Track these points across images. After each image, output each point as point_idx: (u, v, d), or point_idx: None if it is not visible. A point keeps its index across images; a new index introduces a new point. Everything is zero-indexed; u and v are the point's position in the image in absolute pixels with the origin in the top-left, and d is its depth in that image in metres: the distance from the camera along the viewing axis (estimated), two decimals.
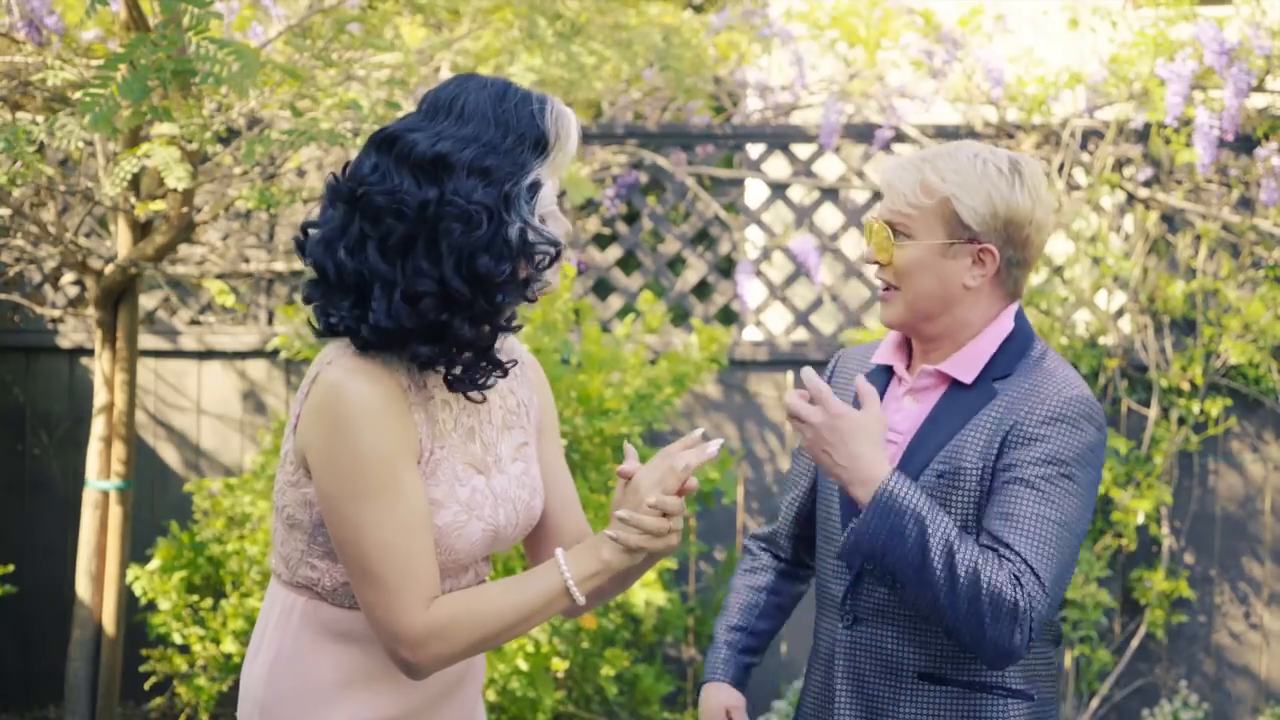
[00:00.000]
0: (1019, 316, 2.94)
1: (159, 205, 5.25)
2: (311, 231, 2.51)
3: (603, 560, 2.49)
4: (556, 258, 2.51)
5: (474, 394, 2.56)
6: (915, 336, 2.94)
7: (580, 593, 2.48)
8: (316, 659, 2.56)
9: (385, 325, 2.42)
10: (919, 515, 2.64)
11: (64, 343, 7.20)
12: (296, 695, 2.56)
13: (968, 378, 2.86)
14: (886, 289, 2.90)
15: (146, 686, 6.44)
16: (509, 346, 2.74)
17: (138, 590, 5.91)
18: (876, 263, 2.89)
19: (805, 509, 3.16)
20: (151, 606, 6.06)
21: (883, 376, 2.99)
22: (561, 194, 2.56)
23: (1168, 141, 6.79)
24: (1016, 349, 2.89)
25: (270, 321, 7.16)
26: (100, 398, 5.65)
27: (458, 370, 2.50)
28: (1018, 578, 2.65)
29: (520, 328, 2.57)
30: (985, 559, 2.65)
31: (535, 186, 2.48)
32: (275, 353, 6.94)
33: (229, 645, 5.89)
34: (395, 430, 2.45)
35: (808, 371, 2.72)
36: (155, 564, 5.97)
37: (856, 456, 2.68)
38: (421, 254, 2.42)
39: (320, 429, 2.46)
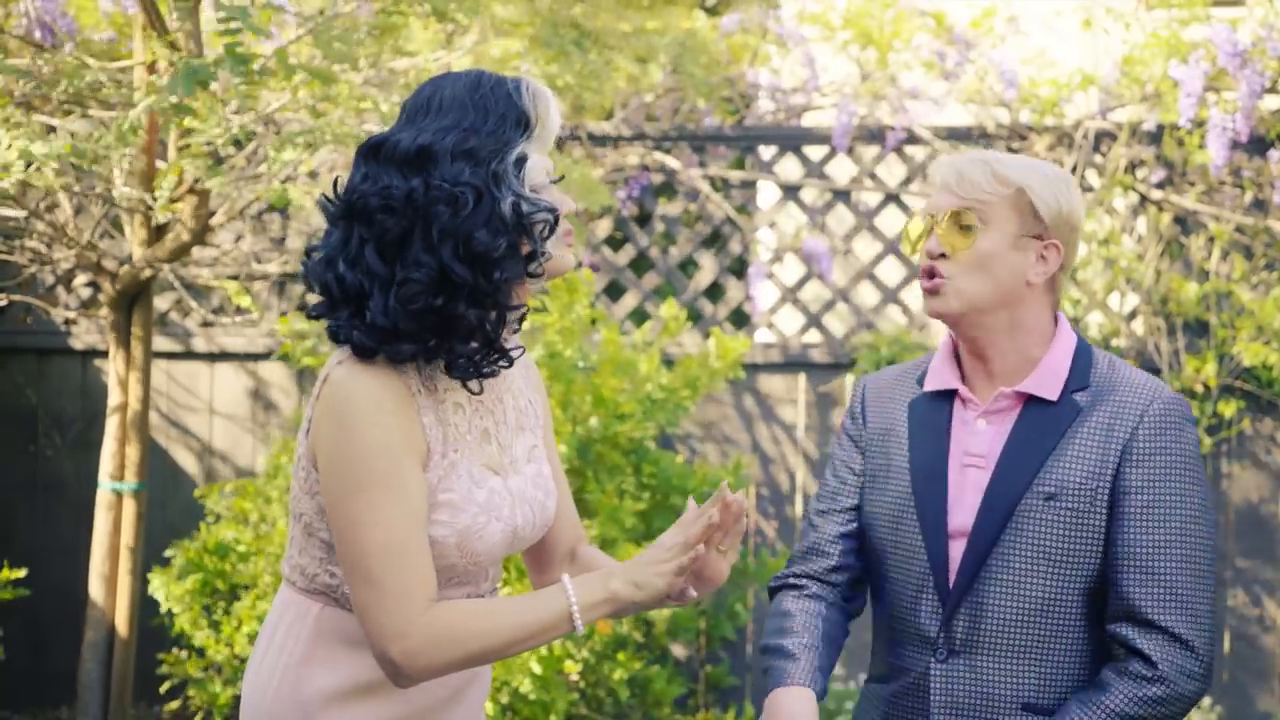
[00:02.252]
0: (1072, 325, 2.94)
1: (176, 207, 5.26)
2: (314, 254, 2.52)
3: (610, 591, 2.46)
4: (554, 225, 2.50)
5: (473, 387, 2.53)
6: (968, 335, 2.85)
7: (582, 621, 2.45)
8: (329, 665, 2.55)
9: (381, 323, 2.42)
10: None
11: (77, 344, 7.20)
12: (306, 701, 2.55)
13: (1052, 395, 2.81)
14: (933, 278, 2.83)
15: (162, 690, 6.44)
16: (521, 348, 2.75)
17: (160, 597, 5.91)
18: (941, 255, 2.82)
19: (852, 531, 2.98)
20: (167, 611, 6.06)
21: (938, 402, 2.89)
22: (560, 179, 2.53)
23: (1181, 143, 6.79)
24: (1084, 360, 2.85)
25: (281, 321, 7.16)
26: (114, 399, 5.65)
27: (462, 360, 2.48)
28: (1150, 672, 2.68)
29: (525, 312, 2.55)
30: (1120, 695, 2.69)
31: (521, 160, 2.48)
32: (287, 355, 6.95)
33: (243, 648, 5.89)
34: (399, 428, 2.44)
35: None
36: (176, 568, 5.97)
37: None
38: (418, 246, 2.42)
39: (327, 426, 2.46)
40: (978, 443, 2.82)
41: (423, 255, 2.41)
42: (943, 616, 2.79)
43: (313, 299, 2.56)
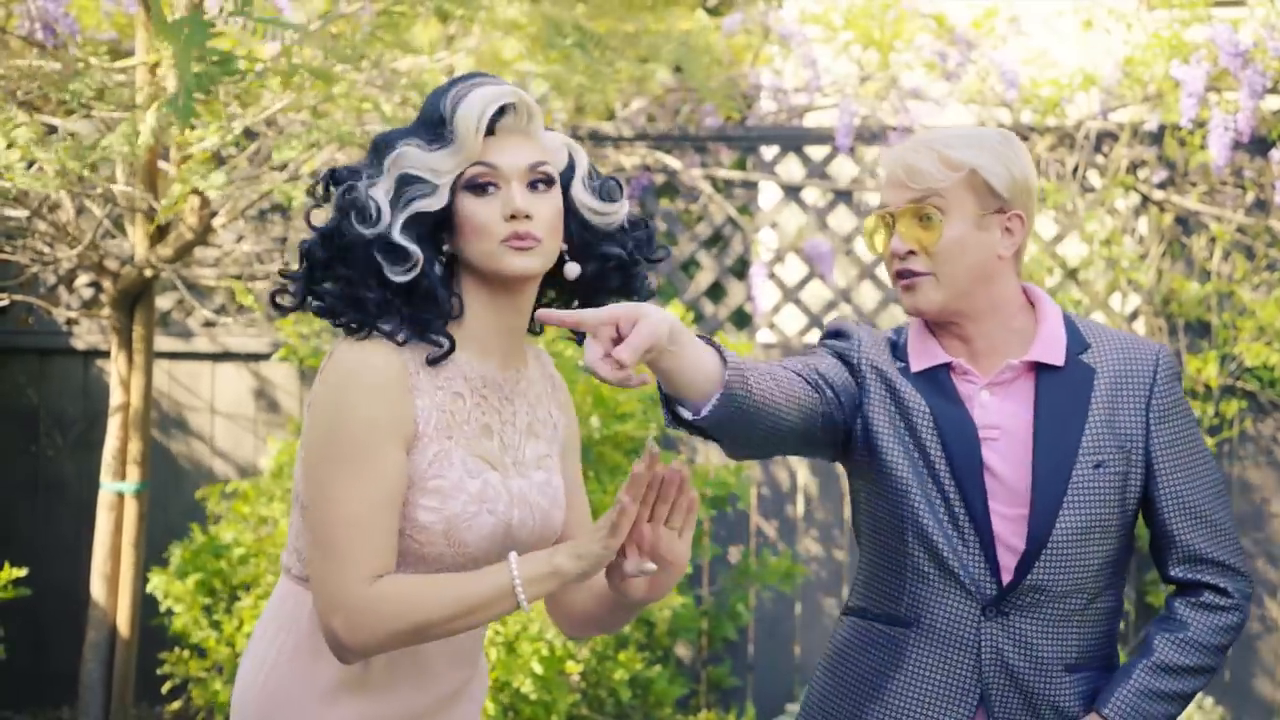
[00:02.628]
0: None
1: (179, 208, 5.26)
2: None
3: (553, 565, 2.42)
4: (373, 210, 2.49)
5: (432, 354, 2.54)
6: (949, 321, 2.85)
7: (525, 595, 2.40)
8: (312, 664, 2.54)
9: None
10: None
11: (78, 344, 7.21)
12: (296, 694, 2.54)
13: (1060, 360, 2.83)
14: (910, 276, 2.82)
15: (164, 690, 6.45)
16: (545, 362, 2.74)
17: (158, 595, 5.92)
18: (910, 252, 2.80)
19: (814, 392, 2.83)
20: (169, 612, 6.06)
21: (932, 376, 2.86)
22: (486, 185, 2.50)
23: (1182, 143, 6.79)
24: (1070, 322, 2.89)
25: (284, 321, 7.16)
26: (115, 399, 5.65)
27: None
28: (1225, 601, 2.87)
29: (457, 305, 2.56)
30: (1201, 627, 2.86)
31: (406, 179, 2.50)
32: (289, 354, 6.94)
33: (244, 647, 5.89)
34: (386, 406, 2.44)
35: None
36: (174, 567, 5.96)
37: None
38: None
39: (319, 394, 2.49)
40: (986, 415, 2.82)
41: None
42: (1000, 581, 2.80)
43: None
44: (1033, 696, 2.82)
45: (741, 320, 7.80)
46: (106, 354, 7.03)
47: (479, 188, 2.51)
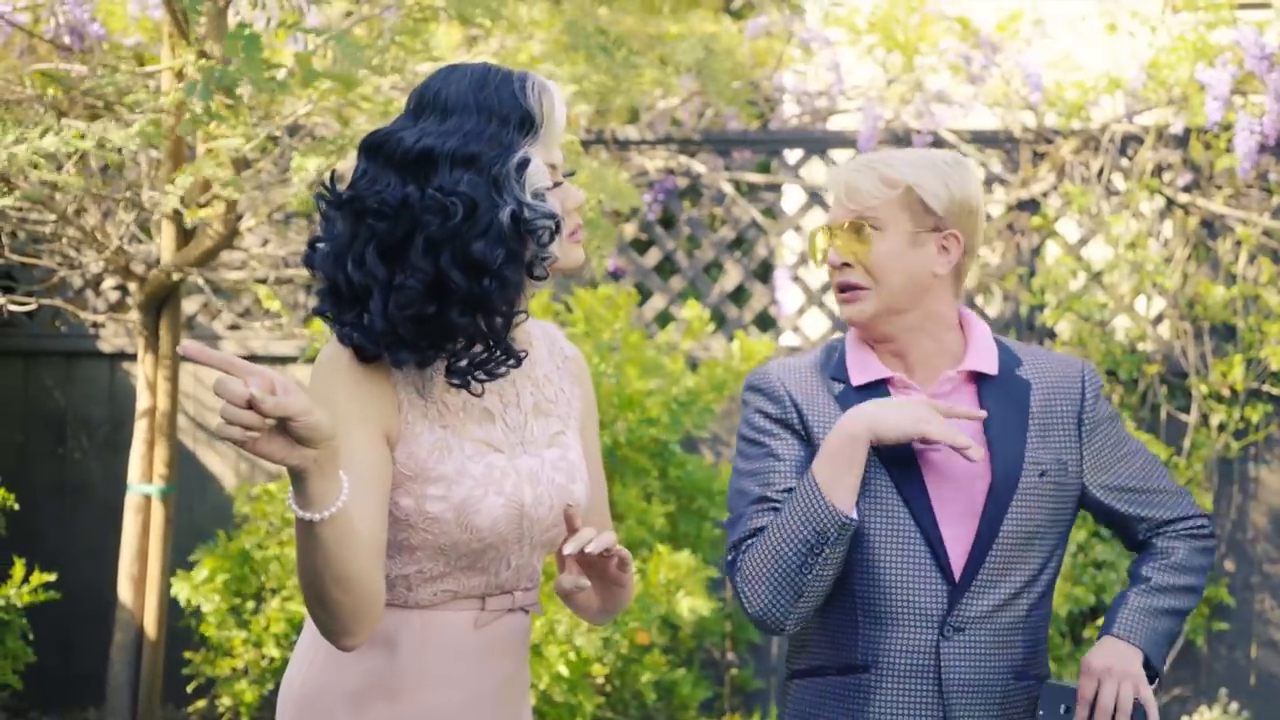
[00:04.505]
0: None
1: (206, 212, 5.29)
2: (320, 245, 2.50)
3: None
4: (556, 230, 2.47)
5: (474, 389, 2.51)
6: (883, 334, 2.93)
7: (295, 501, 2.24)
8: (345, 665, 2.54)
9: (379, 327, 2.41)
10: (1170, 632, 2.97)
11: (105, 347, 7.24)
12: (326, 697, 2.54)
13: (993, 369, 2.93)
14: (848, 290, 2.91)
15: (189, 689, 6.47)
16: (555, 338, 2.74)
17: (181, 600, 5.94)
18: (845, 264, 2.90)
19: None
20: (195, 613, 6.08)
21: (868, 394, 2.92)
22: (570, 173, 2.50)
23: (1207, 146, 6.77)
24: (998, 341, 3.00)
25: (307, 325, 7.19)
26: (142, 402, 5.68)
27: (463, 362, 2.47)
28: (1200, 530, 3.04)
29: (524, 316, 2.53)
30: (1184, 550, 3.01)
31: (524, 164, 2.45)
32: (315, 357, 6.97)
33: (271, 649, 5.91)
34: (357, 399, 2.43)
35: None
36: (201, 575, 5.97)
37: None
38: (416, 251, 2.40)
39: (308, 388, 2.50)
40: None
41: (420, 261, 2.40)
42: (950, 597, 2.86)
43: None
44: (991, 709, 2.88)
45: (765, 323, 7.80)
46: (133, 357, 7.06)
47: (550, 186, 2.52)
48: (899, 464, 2.85)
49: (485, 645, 2.60)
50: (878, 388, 2.92)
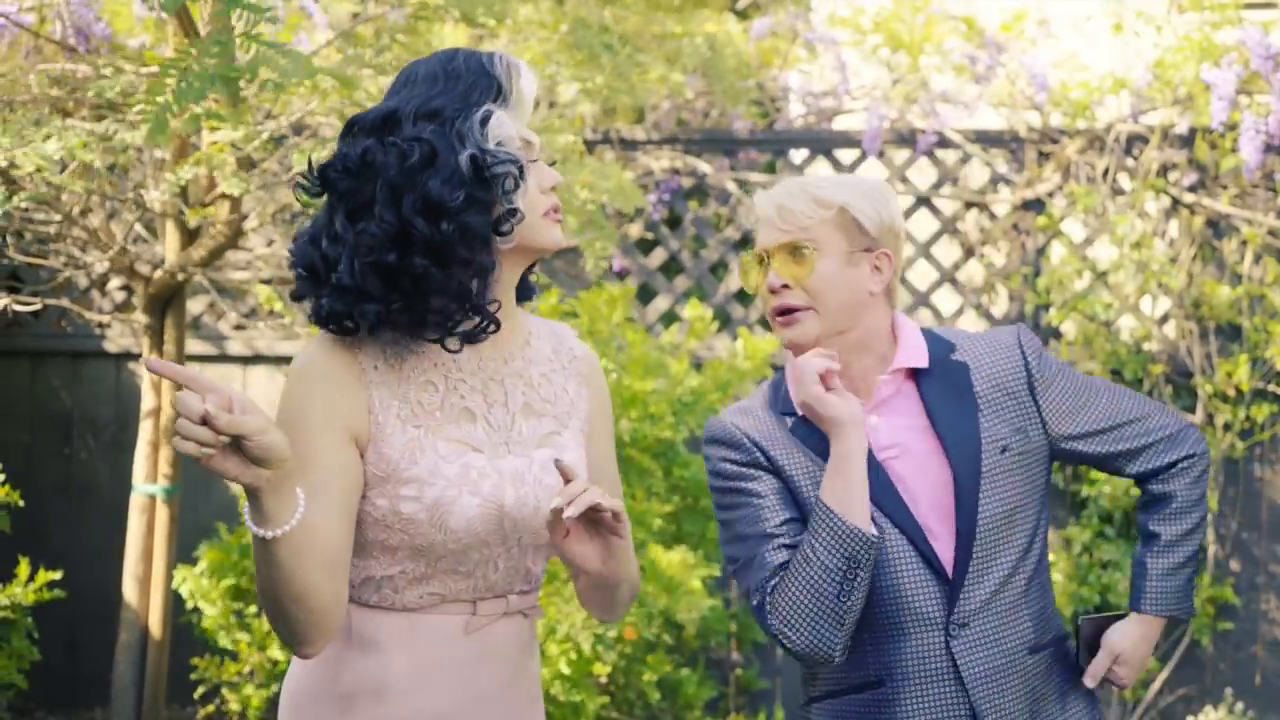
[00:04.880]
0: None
1: (209, 212, 5.29)
2: (301, 238, 2.54)
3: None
4: (519, 177, 2.48)
5: (451, 345, 2.50)
6: None
7: (249, 518, 2.29)
8: (336, 667, 2.55)
9: (346, 284, 2.42)
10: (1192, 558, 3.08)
11: (111, 347, 7.25)
12: (315, 702, 2.55)
13: (924, 362, 2.96)
14: (787, 313, 2.93)
15: (196, 695, 6.48)
16: (563, 337, 2.72)
17: (184, 592, 5.95)
18: (784, 286, 2.92)
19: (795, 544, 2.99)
20: (197, 610, 6.09)
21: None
22: (551, 162, 2.53)
23: (1213, 146, 6.77)
24: (928, 333, 3.04)
25: (312, 325, 7.20)
26: (147, 402, 5.69)
27: (433, 316, 2.46)
28: (1188, 458, 3.08)
29: (491, 270, 2.49)
30: (1182, 490, 3.07)
31: (486, 117, 2.47)
32: None
33: (276, 651, 5.92)
34: (324, 400, 2.44)
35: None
36: (202, 566, 6.00)
37: None
38: (380, 204, 2.42)
39: None
40: (879, 436, 2.93)
41: (383, 210, 2.41)
42: (948, 595, 2.90)
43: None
44: (1014, 690, 2.92)
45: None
46: (138, 357, 7.07)
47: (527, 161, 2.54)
48: (874, 486, 2.87)
49: (478, 650, 2.58)
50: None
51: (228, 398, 2.18)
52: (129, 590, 5.69)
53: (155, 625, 5.72)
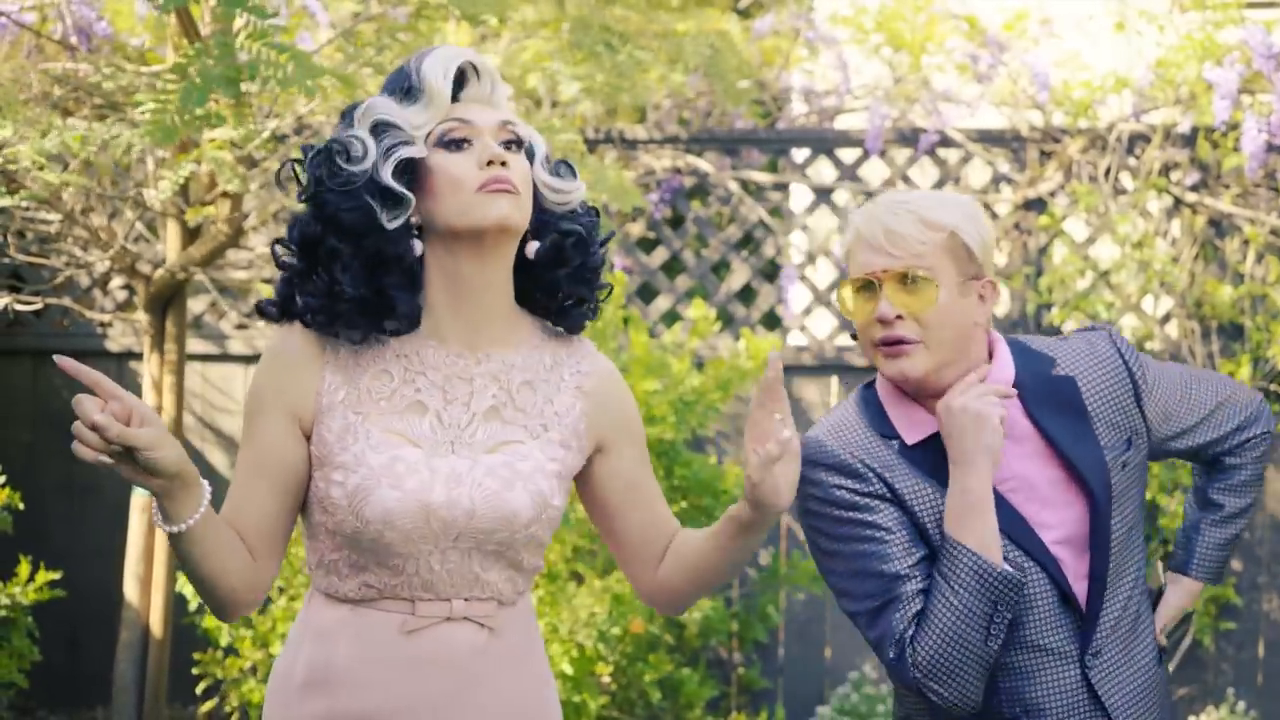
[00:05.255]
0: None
1: (210, 211, 5.29)
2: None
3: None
4: (370, 146, 2.49)
5: (351, 336, 2.54)
6: (931, 389, 2.78)
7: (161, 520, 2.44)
8: (296, 654, 2.58)
9: (277, 256, 2.55)
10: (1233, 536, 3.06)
11: (113, 346, 7.25)
12: (282, 685, 2.59)
13: (1010, 375, 2.80)
14: (898, 344, 2.74)
15: (198, 691, 6.48)
16: (579, 351, 2.67)
17: (187, 593, 5.95)
18: (898, 317, 2.72)
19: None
20: (200, 610, 6.09)
21: (926, 446, 2.78)
22: (514, 143, 2.48)
23: (1215, 145, 6.76)
24: (1022, 346, 2.88)
25: None
26: (148, 401, 5.69)
27: (330, 315, 2.51)
28: (1261, 436, 3.03)
29: (393, 259, 2.50)
30: (1249, 465, 3.03)
31: (380, 128, 2.50)
32: None
33: (277, 648, 5.92)
34: (275, 381, 2.54)
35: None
36: None
37: None
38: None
39: None
40: (1011, 466, 2.76)
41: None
42: (1083, 630, 2.77)
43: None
44: (1153, 708, 2.84)
45: (772, 323, 7.80)
46: (140, 356, 7.07)
47: (454, 143, 2.52)
48: (998, 512, 2.71)
49: (417, 653, 2.55)
50: (933, 442, 2.77)
51: (129, 408, 2.29)
52: (130, 589, 5.69)
53: (156, 624, 5.72)
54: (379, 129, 2.51)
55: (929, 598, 2.70)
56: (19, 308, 6.17)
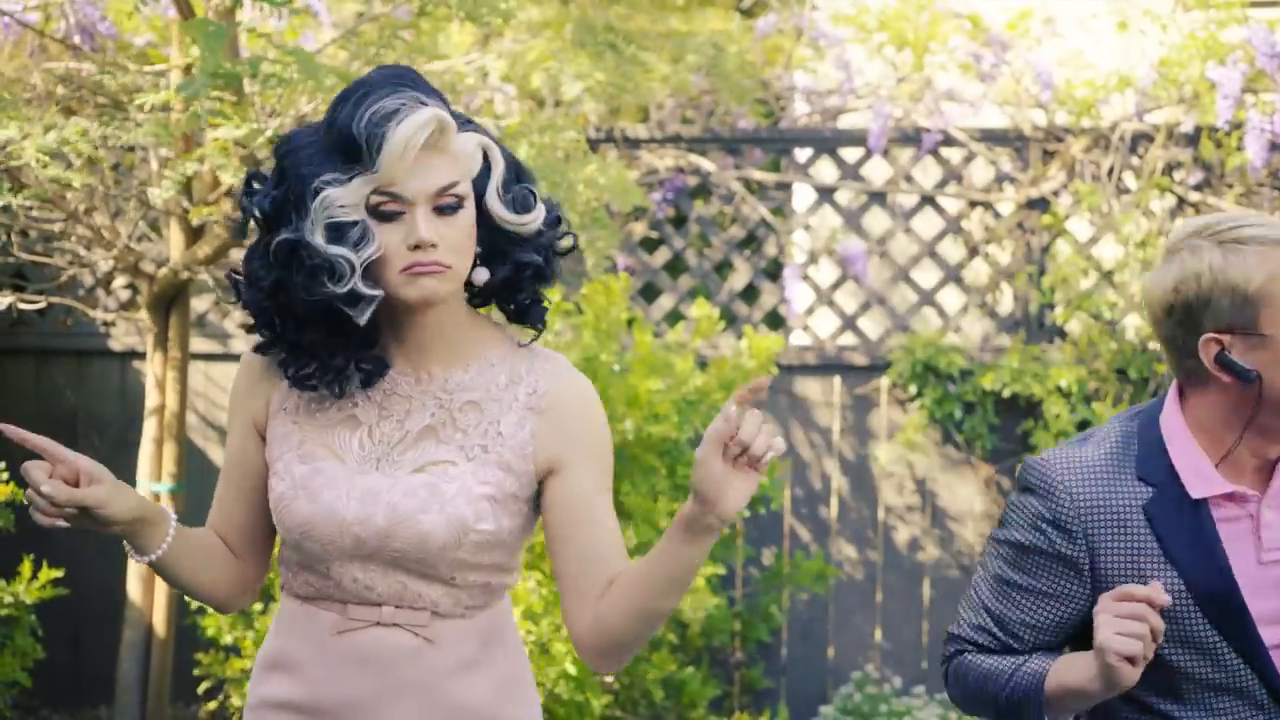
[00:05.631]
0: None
1: (214, 210, 5.29)
2: None
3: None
4: (340, 275, 2.40)
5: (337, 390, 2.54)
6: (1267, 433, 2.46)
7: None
8: (269, 641, 2.65)
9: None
10: None
11: (116, 346, 7.25)
12: (259, 671, 2.67)
13: None
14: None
15: (200, 690, 6.48)
16: (539, 368, 2.56)
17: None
18: None
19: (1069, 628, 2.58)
20: (202, 610, 6.09)
21: (1181, 502, 2.46)
22: (454, 203, 2.32)
23: (1218, 145, 6.76)
24: None
25: None
26: (151, 400, 5.69)
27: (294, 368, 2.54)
28: None
29: (348, 330, 2.48)
30: None
31: (318, 193, 2.39)
32: None
33: None
34: (238, 391, 2.64)
35: None
36: None
37: None
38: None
39: None
40: (1274, 535, 2.47)
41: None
42: (1273, 708, 2.51)
43: None
44: None
45: (775, 322, 7.80)
46: (144, 355, 7.07)
47: (384, 215, 2.41)
48: (1219, 600, 2.44)
49: (350, 652, 2.54)
50: (1219, 503, 2.46)
51: (75, 469, 2.38)
52: (133, 588, 5.69)
53: (159, 623, 5.72)
54: (333, 226, 2.40)
55: (991, 655, 2.59)
56: (22, 307, 6.18)
